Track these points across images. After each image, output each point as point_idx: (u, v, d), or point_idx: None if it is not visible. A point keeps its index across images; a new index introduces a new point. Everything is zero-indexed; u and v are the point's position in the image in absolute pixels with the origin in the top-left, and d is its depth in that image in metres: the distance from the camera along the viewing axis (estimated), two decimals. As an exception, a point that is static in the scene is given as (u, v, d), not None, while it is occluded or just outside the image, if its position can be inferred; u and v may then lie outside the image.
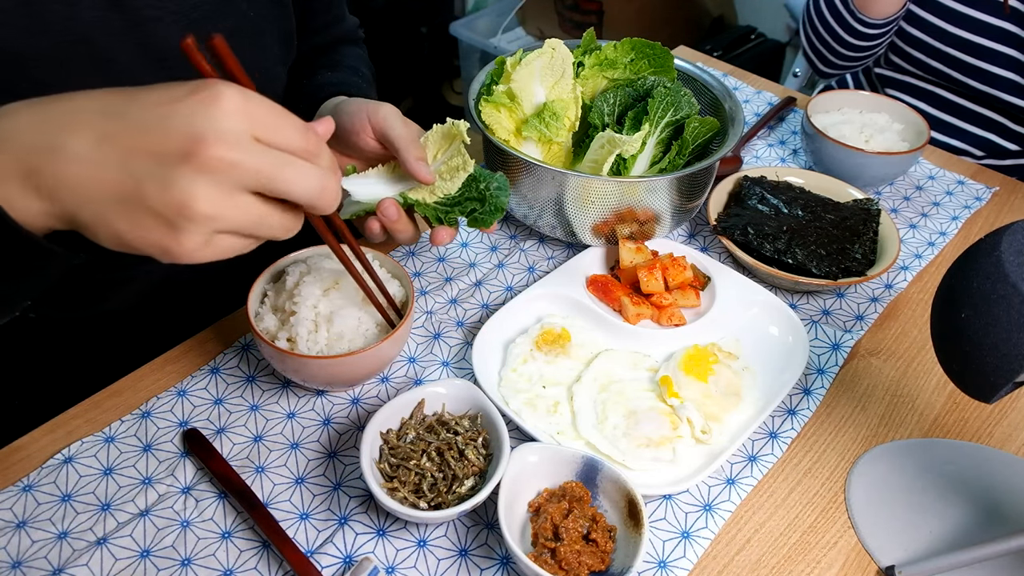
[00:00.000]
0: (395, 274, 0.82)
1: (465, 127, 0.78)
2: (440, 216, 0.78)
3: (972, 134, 1.43)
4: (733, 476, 0.78)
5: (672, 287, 0.92)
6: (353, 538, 0.71)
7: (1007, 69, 1.31)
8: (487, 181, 0.78)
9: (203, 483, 0.75)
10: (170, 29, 0.78)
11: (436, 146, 0.80)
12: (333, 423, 0.81)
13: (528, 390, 0.82)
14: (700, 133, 0.96)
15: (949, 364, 0.67)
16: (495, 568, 0.70)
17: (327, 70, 1.00)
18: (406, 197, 0.78)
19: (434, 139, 0.79)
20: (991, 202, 1.15)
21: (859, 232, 0.99)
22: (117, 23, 0.74)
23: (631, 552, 0.67)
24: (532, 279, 0.98)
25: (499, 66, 0.98)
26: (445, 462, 0.72)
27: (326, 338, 0.75)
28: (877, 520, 0.75)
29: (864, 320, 0.95)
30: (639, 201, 0.91)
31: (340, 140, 0.82)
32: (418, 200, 0.78)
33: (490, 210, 0.78)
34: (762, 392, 0.84)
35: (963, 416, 0.86)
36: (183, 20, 0.79)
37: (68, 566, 0.68)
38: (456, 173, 0.78)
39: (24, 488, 0.73)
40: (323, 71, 1.00)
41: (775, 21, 2.78)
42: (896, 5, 1.32)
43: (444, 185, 0.78)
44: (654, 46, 1.01)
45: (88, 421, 0.79)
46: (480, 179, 0.78)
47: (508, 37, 2.80)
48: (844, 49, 1.42)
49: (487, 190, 0.77)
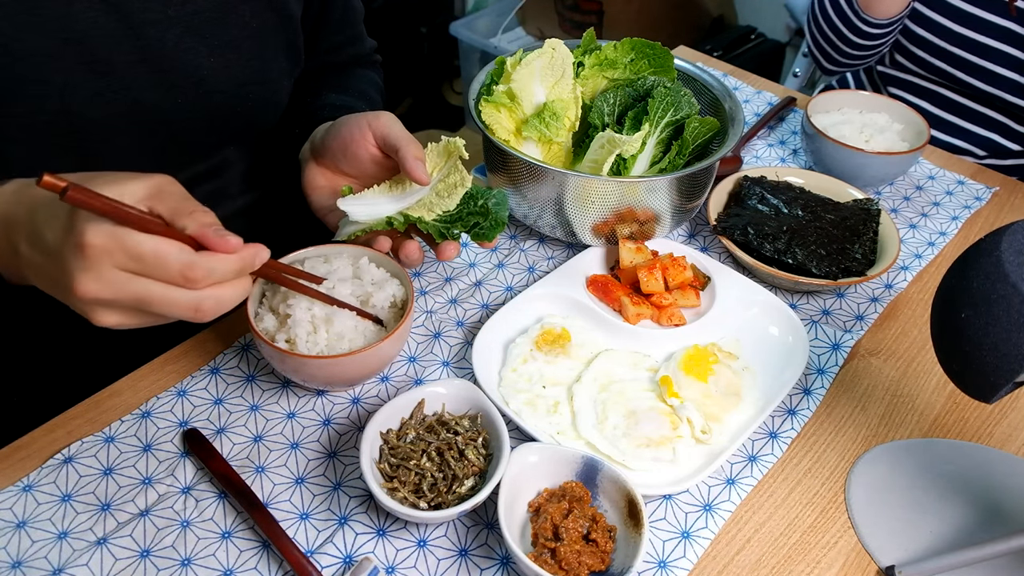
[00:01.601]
0: (395, 274, 0.82)
1: (462, 143, 0.78)
2: (443, 232, 0.79)
3: (974, 134, 1.43)
4: (733, 476, 0.78)
5: (672, 287, 0.92)
6: (353, 538, 0.71)
7: (1010, 69, 1.31)
8: (486, 198, 0.79)
9: (203, 483, 0.75)
10: (168, 34, 0.78)
11: (433, 163, 0.81)
12: (333, 423, 0.81)
13: (528, 390, 0.82)
14: (700, 133, 0.96)
15: (949, 364, 0.67)
16: (495, 568, 0.70)
17: (334, 92, 1.00)
18: (406, 215, 0.79)
19: (431, 156, 0.80)
20: (991, 202, 1.15)
21: (859, 232, 0.99)
22: (114, 25, 0.74)
23: (631, 552, 0.67)
24: (532, 279, 0.98)
25: (499, 66, 0.98)
26: (445, 462, 0.72)
27: (326, 339, 0.75)
28: (877, 520, 0.75)
29: (864, 320, 0.95)
30: (639, 201, 0.91)
31: (338, 153, 0.83)
32: (419, 218, 0.79)
33: (492, 224, 0.78)
34: (762, 392, 0.84)
35: (963, 416, 0.86)
36: (182, 26, 0.79)
37: (68, 566, 0.68)
38: (454, 190, 0.79)
39: (24, 488, 0.73)
40: (329, 92, 1.00)
41: (775, 21, 2.78)
42: (900, 5, 1.33)
43: (442, 202, 0.79)
44: (654, 46, 1.01)
45: (88, 421, 0.79)
46: (478, 195, 0.79)
47: (508, 37, 2.80)
48: (848, 48, 1.42)
49: (487, 205, 0.78)
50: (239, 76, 0.86)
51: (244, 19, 0.84)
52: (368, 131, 0.80)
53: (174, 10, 0.78)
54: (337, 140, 0.83)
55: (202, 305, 0.58)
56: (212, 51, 0.83)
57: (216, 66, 0.83)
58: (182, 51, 0.80)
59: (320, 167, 0.87)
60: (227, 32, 0.83)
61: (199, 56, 0.82)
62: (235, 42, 0.85)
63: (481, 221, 0.78)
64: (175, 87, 0.81)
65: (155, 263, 0.56)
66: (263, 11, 0.87)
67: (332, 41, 1.04)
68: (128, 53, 0.76)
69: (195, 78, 0.82)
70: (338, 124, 0.83)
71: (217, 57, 0.83)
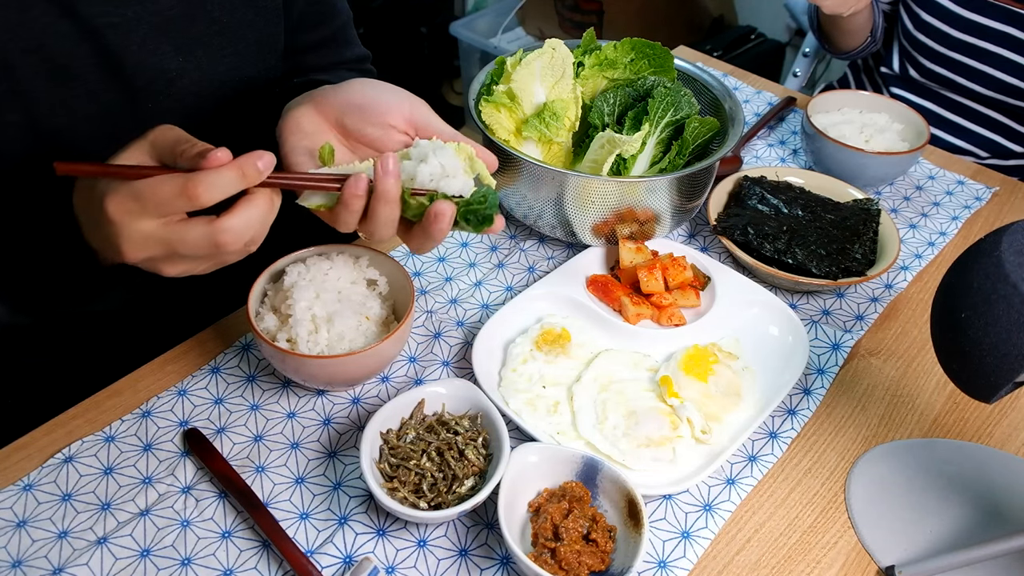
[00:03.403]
0: (395, 274, 0.82)
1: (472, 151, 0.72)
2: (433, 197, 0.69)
3: (976, 134, 1.43)
4: (733, 476, 0.78)
5: (672, 287, 0.92)
6: (353, 538, 0.71)
7: (1012, 75, 1.32)
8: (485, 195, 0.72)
9: (203, 483, 0.75)
10: (130, 37, 0.75)
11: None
12: (333, 423, 0.81)
13: (528, 390, 0.82)
14: (700, 133, 0.96)
15: (949, 364, 0.67)
16: (495, 568, 0.70)
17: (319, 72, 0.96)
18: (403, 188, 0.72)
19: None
20: (991, 202, 1.15)
21: (859, 232, 0.99)
22: (69, 30, 0.71)
23: (631, 552, 0.67)
24: (532, 279, 0.98)
25: (499, 66, 0.98)
26: (445, 462, 0.72)
27: (327, 339, 0.75)
28: (877, 520, 0.75)
29: (864, 320, 0.95)
30: (639, 201, 0.91)
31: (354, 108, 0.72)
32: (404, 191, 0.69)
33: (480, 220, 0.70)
34: (762, 392, 0.84)
35: (963, 416, 0.86)
36: (144, 27, 0.75)
37: (68, 565, 0.68)
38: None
39: (24, 487, 0.73)
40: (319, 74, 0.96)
41: (775, 21, 2.78)
42: (859, 39, 1.44)
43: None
44: (654, 46, 1.01)
45: (88, 421, 0.79)
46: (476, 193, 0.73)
47: (508, 37, 2.80)
48: (840, 57, 1.56)
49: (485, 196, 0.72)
50: (212, 76, 0.82)
51: (213, 14, 0.80)
52: (407, 104, 0.72)
53: (134, 11, 0.74)
54: (361, 96, 0.72)
55: (219, 238, 0.59)
56: (179, 50, 0.79)
57: (186, 67, 0.80)
58: (147, 53, 0.76)
59: (318, 114, 0.73)
60: (194, 29, 0.79)
61: (165, 57, 0.78)
62: (204, 39, 0.80)
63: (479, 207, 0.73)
64: (143, 91, 0.78)
65: (152, 197, 0.57)
66: (234, 4, 0.82)
67: (306, 40, 0.95)
68: (88, 58, 0.73)
69: (163, 80, 0.79)
70: (366, 82, 0.74)
71: (185, 56, 0.79)
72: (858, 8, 1.31)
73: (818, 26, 1.53)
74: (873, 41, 1.49)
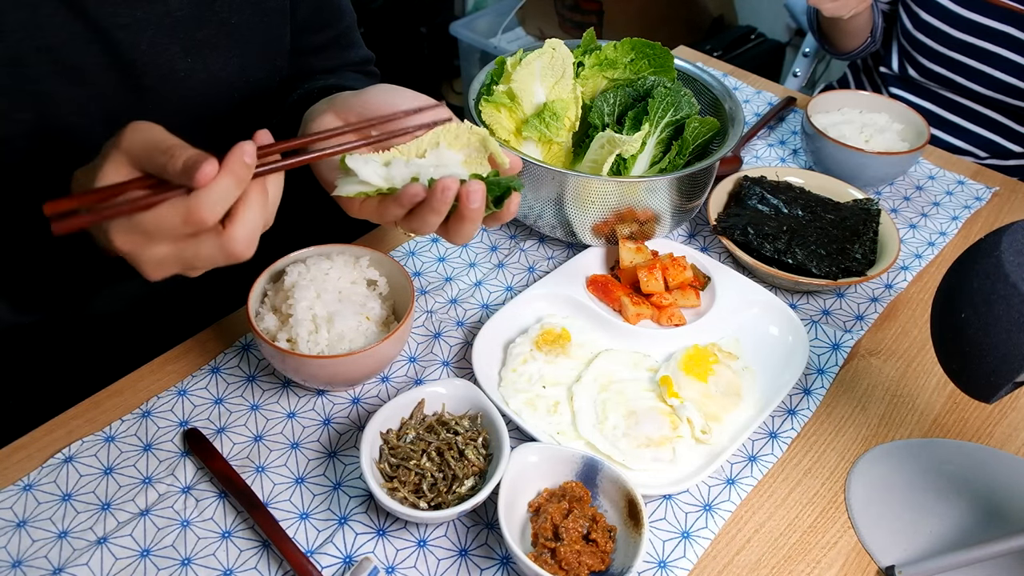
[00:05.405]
0: (395, 274, 0.82)
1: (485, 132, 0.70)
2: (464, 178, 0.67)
3: (976, 134, 1.43)
4: (733, 476, 0.78)
5: (672, 287, 0.92)
6: (353, 538, 0.71)
7: (1012, 75, 1.32)
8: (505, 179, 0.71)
9: (203, 483, 0.75)
10: (139, 38, 0.75)
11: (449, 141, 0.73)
12: (333, 423, 0.81)
13: (528, 390, 0.82)
14: (700, 133, 0.96)
15: (949, 364, 0.67)
16: (495, 568, 0.70)
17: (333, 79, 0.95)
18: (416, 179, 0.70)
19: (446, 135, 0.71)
20: (991, 202, 1.15)
21: (859, 232, 0.99)
22: (80, 30, 0.72)
23: (631, 552, 0.67)
24: (532, 279, 0.98)
25: (499, 66, 0.98)
26: (445, 462, 0.72)
27: (327, 339, 0.75)
28: (877, 520, 0.75)
29: (864, 320, 0.95)
30: (639, 201, 0.91)
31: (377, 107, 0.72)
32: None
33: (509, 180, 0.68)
34: (762, 392, 0.84)
35: (963, 416, 0.86)
36: (153, 28, 0.76)
37: (68, 565, 0.68)
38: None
39: (24, 487, 0.73)
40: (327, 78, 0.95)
41: (775, 21, 2.78)
42: (858, 40, 1.43)
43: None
44: (654, 46, 1.01)
45: (88, 421, 0.79)
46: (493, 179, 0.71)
47: (508, 37, 2.80)
48: (840, 57, 1.56)
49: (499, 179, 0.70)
50: (219, 76, 0.83)
51: (221, 16, 0.81)
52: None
53: (144, 12, 0.75)
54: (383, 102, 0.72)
55: (231, 249, 0.58)
56: (187, 51, 0.79)
57: (194, 67, 0.80)
58: (156, 54, 0.77)
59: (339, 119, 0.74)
60: (202, 30, 0.79)
61: (173, 58, 0.78)
62: (212, 40, 0.81)
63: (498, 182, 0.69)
64: (151, 91, 0.78)
65: (158, 230, 0.56)
66: (242, 6, 0.83)
67: (311, 42, 0.96)
68: (98, 59, 0.74)
69: (172, 81, 0.79)
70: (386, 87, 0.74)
71: (194, 57, 0.80)
72: (858, 11, 1.31)
73: (818, 27, 1.53)
74: (873, 41, 1.49)
